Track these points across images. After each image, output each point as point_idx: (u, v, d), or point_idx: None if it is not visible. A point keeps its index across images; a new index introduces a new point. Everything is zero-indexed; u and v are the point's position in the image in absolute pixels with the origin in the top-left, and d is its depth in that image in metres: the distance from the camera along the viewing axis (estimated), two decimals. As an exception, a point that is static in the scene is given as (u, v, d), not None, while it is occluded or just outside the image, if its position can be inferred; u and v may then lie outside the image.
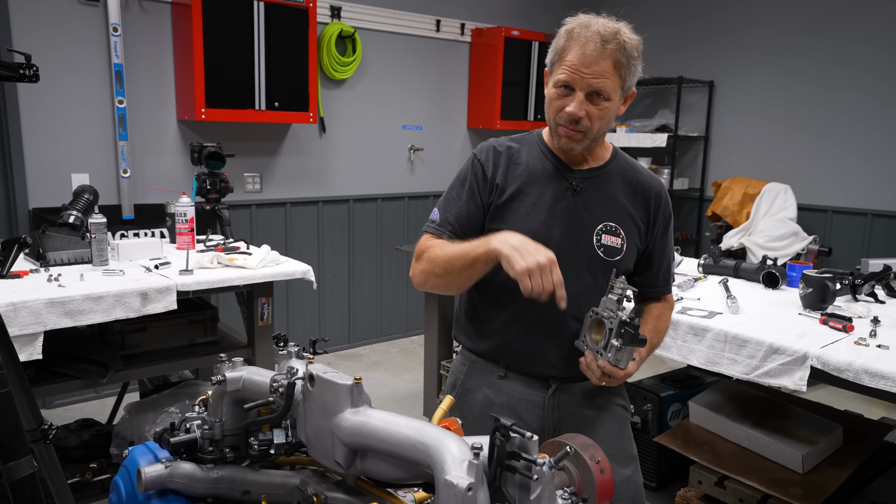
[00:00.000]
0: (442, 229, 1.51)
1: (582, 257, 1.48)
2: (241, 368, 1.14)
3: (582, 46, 1.37)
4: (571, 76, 1.38)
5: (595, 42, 1.36)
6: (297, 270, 2.53)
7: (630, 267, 1.55)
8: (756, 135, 4.81)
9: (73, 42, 3.49)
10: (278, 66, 3.86)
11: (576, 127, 1.41)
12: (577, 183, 1.50)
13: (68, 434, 2.68)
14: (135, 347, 2.44)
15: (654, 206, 1.54)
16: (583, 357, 1.42)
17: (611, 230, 1.49)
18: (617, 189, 1.53)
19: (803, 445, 2.16)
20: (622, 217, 1.51)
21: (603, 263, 1.48)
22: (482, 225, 1.52)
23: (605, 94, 1.38)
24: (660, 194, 1.56)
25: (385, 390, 4.07)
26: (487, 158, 1.53)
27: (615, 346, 1.32)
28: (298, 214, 4.44)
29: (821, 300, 2.16)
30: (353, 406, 0.95)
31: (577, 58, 1.37)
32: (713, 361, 2.01)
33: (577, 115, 1.39)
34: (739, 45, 4.83)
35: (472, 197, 1.51)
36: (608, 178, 1.53)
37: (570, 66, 1.38)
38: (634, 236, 1.52)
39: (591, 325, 1.42)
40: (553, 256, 1.29)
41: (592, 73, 1.36)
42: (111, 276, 2.25)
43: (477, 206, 1.51)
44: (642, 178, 1.56)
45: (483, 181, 1.52)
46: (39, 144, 3.48)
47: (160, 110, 3.83)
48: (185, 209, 2.76)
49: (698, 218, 5.18)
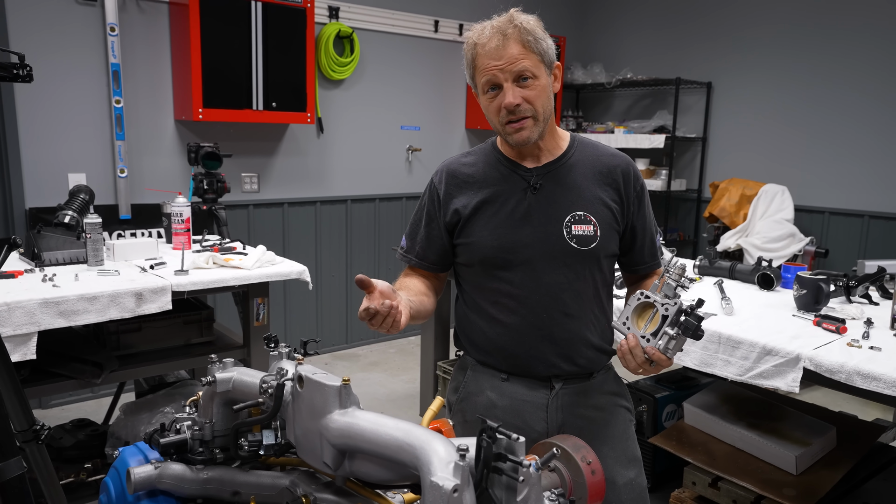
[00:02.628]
0: (409, 256, 1.62)
1: (556, 253, 1.48)
2: (232, 369, 1.15)
3: (486, 46, 1.41)
4: (491, 74, 1.41)
5: (495, 36, 1.40)
6: (292, 271, 2.53)
7: (614, 250, 1.54)
8: (754, 136, 4.81)
9: (71, 42, 3.49)
10: (276, 66, 3.86)
11: (519, 114, 1.42)
12: (534, 181, 1.50)
13: (63, 434, 2.68)
14: (130, 347, 2.44)
15: (624, 184, 1.53)
16: (624, 340, 1.36)
17: (580, 219, 1.49)
18: (581, 176, 1.52)
19: (797, 447, 2.17)
20: (591, 203, 1.50)
21: (579, 255, 1.48)
22: (446, 245, 1.57)
23: (529, 73, 1.40)
24: (627, 170, 1.54)
25: (382, 391, 4.07)
26: (441, 181, 1.57)
27: (668, 335, 1.27)
28: (296, 215, 4.44)
29: (815, 302, 2.17)
30: (342, 407, 0.95)
31: (487, 57, 1.41)
32: (707, 363, 2.01)
33: (514, 102, 1.40)
34: (738, 46, 4.84)
35: (430, 223, 1.58)
36: (569, 167, 1.52)
37: (486, 67, 1.41)
38: (609, 220, 1.51)
39: (637, 308, 1.36)
40: (362, 312, 1.27)
41: (507, 62, 1.39)
42: (106, 277, 2.25)
43: (435, 231, 1.57)
44: (605, 158, 1.55)
45: (439, 206, 1.56)
46: (36, 144, 3.48)
47: (157, 110, 3.83)
48: (181, 209, 2.76)
49: (696, 219, 5.18)
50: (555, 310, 1.49)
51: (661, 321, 1.30)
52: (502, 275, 1.51)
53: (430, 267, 1.62)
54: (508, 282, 1.51)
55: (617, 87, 5.30)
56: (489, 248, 1.50)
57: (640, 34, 5.38)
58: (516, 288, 1.50)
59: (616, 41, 5.53)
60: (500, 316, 1.53)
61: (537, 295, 1.49)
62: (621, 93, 5.57)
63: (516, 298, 1.51)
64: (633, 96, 5.54)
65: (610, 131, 5.24)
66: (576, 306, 1.50)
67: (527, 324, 1.51)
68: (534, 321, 1.50)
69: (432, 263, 1.61)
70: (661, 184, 4.98)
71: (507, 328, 1.52)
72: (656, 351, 1.30)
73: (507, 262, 1.50)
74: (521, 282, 1.50)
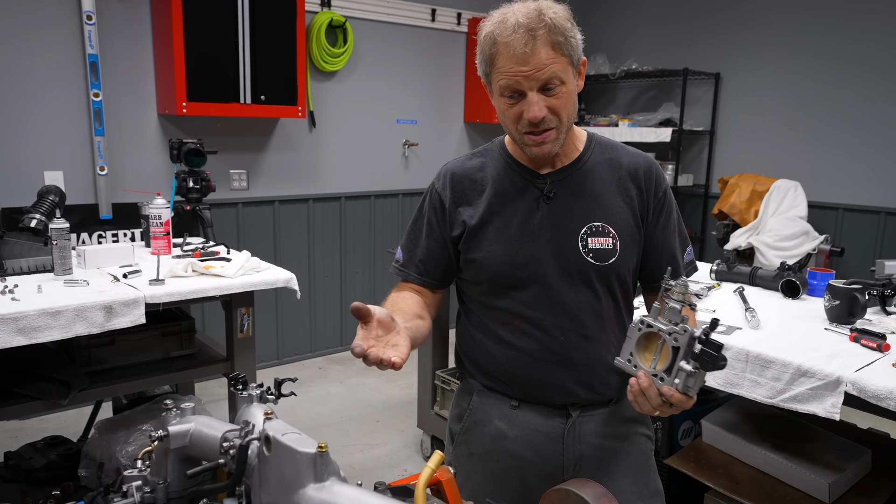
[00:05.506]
0: (406, 271, 1.43)
1: (572, 270, 1.30)
2: (190, 419, 0.96)
3: (510, 46, 1.18)
4: (514, 80, 1.20)
5: (522, 36, 1.17)
6: (278, 279, 2.34)
7: (635, 264, 1.36)
8: (765, 129, 4.61)
9: (44, 31, 3.28)
10: (264, 57, 3.65)
11: (543, 127, 1.23)
12: (548, 189, 1.32)
13: (34, 454, 2.49)
14: (103, 363, 2.25)
15: (646, 188, 1.34)
16: (634, 380, 1.15)
17: (598, 231, 1.30)
18: (599, 181, 1.33)
19: (829, 472, 1.99)
20: (611, 212, 1.32)
21: (596, 271, 1.30)
22: (450, 257, 1.39)
23: (558, 80, 1.20)
24: (648, 172, 1.35)
25: (378, 397, 3.89)
26: (445, 187, 1.38)
27: (686, 371, 1.06)
28: (287, 213, 4.25)
29: (849, 314, 1.98)
30: (317, 481, 0.76)
31: (511, 60, 1.18)
32: (733, 383, 1.82)
33: (538, 117, 1.20)
34: (747, 35, 4.63)
35: (432, 233, 1.39)
36: (586, 172, 1.34)
37: (509, 71, 1.19)
38: (630, 229, 1.32)
39: (641, 339, 1.16)
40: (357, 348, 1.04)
41: (535, 68, 1.18)
42: (73, 288, 2.06)
43: (438, 242, 1.38)
44: (625, 160, 1.36)
45: (442, 215, 1.38)
46: (8, 140, 3.27)
47: (139, 104, 3.63)
48: (160, 211, 2.57)
49: (703, 216, 4.99)
50: (572, 332, 1.31)
51: (671, 354, 1.09)
52: (514, 294, 1.33)
53: (430, 283, 1.43)
54: (521, 301, 1.33)
55: (621, 79, 5.10)
56: (499, 264, 1.32)
57: (645, 23, 5.18)
58: (529, 308, 1.32)
59: (621, 30, 5.32)
60: (511, 338, 1.35)
61: (553, 316, 1.31)
62: (626, 84, 5.36)
63: (530, 320, 1.33)
64: (638, 88, 5.34)
65: (614, 124, 5.04)
66: (595, 328, 1.32)
67: (542, 348, 1.33)
68: (550, 345, 1.32)
69: (434, 279, 1.42)
70: (668, 179, 4.77)
71: (519, 352, 1.34)
72: (675, 392, 1.09)
73: (519, 280, 1.32)
74: (534, 302, 1.32)
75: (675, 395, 1.10)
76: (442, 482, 1.14)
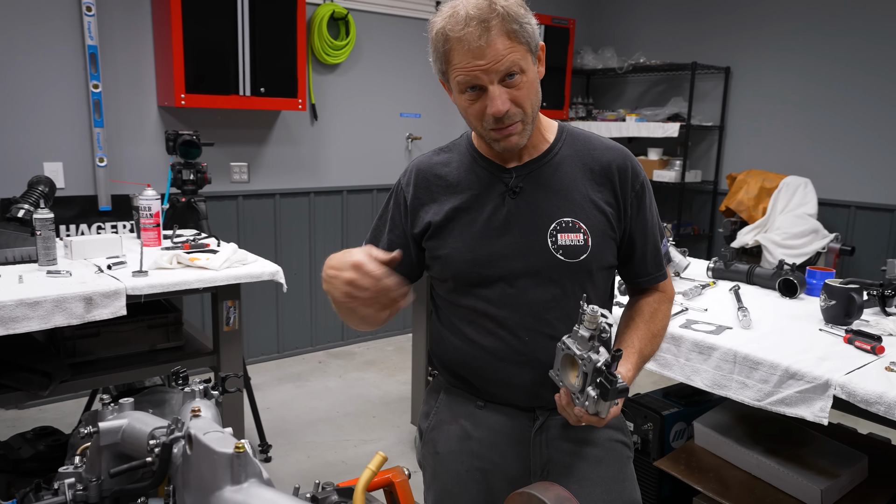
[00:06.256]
0: None
1: (539, 267, 1.25)
2: (126, 414, 0.93)
3: (464, 41, 1.13)
4: (472, 76, 1.14)
5: (475, 29, 1.12)
6: (264, 272, 2.31)
7: (610, 261, 1.31)
8: (775, 124, 4.51)
9: (44, 22, 3.28)
10: (264, 49, 3.63)
11: (508, 121, 1.18)
12: (513, 183, 1.27)
13: (23, 444, 2.48)
14: (87, 354, 2.24)
15: (620, 182, 1.28)
16: (558, 396, 1.17)
17: (567, 226, 1.25)
18: (569, 175, 1.28)
19: (823, 478, 1.92)
20: (581, 207, 1.26)
21: (566, 268, 1.25)
22: (412, 257, 1.35)
23: (518, 69, 1.15)
24: (623, 166, 1.29)
25: (376, 392, 3.87)
26: (409, 183, 1.34)
27: (592, 397, 1.07)
28: (288, 206, 4.23)
29: (845, 314, 1.91)
30: (235, 483, 0.73)
31: (467, 55, 1.13)
32: (720, 384, 1.77)
33: (502, 111, 1.15)
34: (760, 29, 4.53)
35: (394, 229, 1.36)
36: (555, 165, 1.28)
37: (465, 66, 1.14)
38: (602, 225, 1.27)
39: (565, 359, 1.16)
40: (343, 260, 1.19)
41: (492, 60, 1.13)
42: (54, 279, 2.05)
43: (400, 238, 1.35)
44: (598, 152, 1.30)
45: (404, 212, 1.34)
46: (8, 131, 3.28)
47: (139, 96, 3.62)
48: (150, 203, 2.55)
49: (711, 213, 4.90)
50: (538, 332, 1.26)
51: (582, 379, 1.10)
52: (478, 292, 1.28)
53: None
54: (485, 300, 1.28)
55: (629, 73, 5.02)
56: (462, 262, 1.28)
57: (654, 16, 5.08)
58: (494, 307, 1.28)
59: (629, 23, 5.23)
60: (476, 337, 1.31)
61: (518, 315, 1.27)
62: (634, 78, 5.28)
63: (494, 319, 1.28)
64: (646, 82, 5.25)
65: (621, 119, 4.96)
66: (563, 328, 1.26)
67: (506, 347, 1.28)
68: (514, 345, 1.28)
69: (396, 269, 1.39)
70: (675, 175, 4.70)
71: (484, 351, 1.30)
72: (585, 413, 1.10)
73: (484, 277, 1.27)
74: (499, 300, 1.27)
75: (585, 416, 1.11)
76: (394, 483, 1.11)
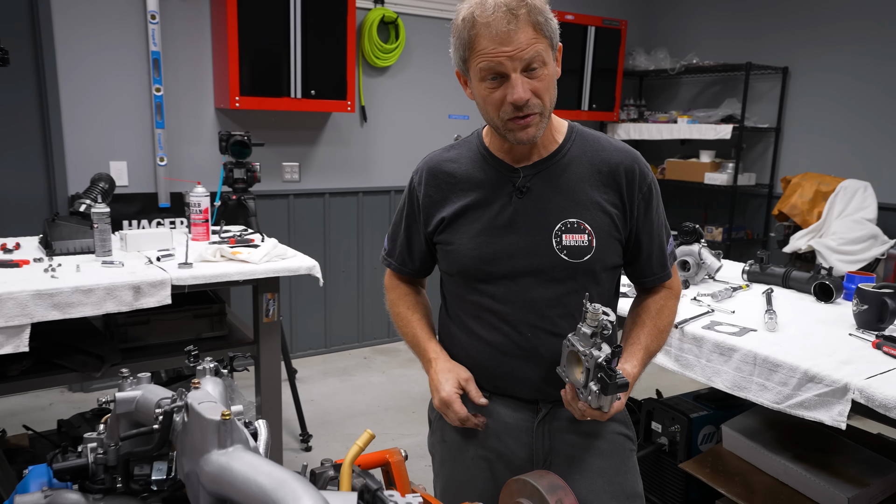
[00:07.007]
0: (390, 259, 1.51)
1: (544, 266, 1.29)
2: (140, 387, 1.02)
3: (491, 26, 1.15)
4: (496, 62, 1.17)
5: (503, 16, 1.15)
6: (301, 266, 2.42)
7: (615, 262, 1.34)
8: (835, 126, 4.36)
9: (112, 30, 3.51)
10: (315, 52, 3.76)
11: (527, 111, 1.20)
12: (521, 182, 1.30)
13: (82, 423, 2.67)
14: (137, 340, 2.40)
15: (627, 184, 1.30)
16: (564, 391, 1.23)
17: (573, 227, 1.28)
18: (576, 176, 1.31)
19: (851, 487, 1.87)
20: (587, 208, 1.29)
21: (570, 268, 1.28)
22: (426, 254, 1.44)
23: (540, 61, 1.18)
24: (630, 169, 1.31)
25: (417, 389, 3.94)
26: (420, 182, 1.40)
27: (594, 392, 1.12)
28: (337, 205, 4.36)
29: (878, 319, 1.86)
30: (221, 447, 0.80)
31: (493, 40, 1.16)
32: (740, 386, 1.75)
33: (524, 99, 1.18)
34: (819, 27, 4.38)
35: (409, 226, 1.44)
36: (563, 166, 1.31)
37: (490, 53, 1.17)
38: (607, 227, 1.29)
39: (570, 356, 1.21)
40: (447, 396, 1.32)
41: (518, 48, 1.16)
42: (108, 268, 2.20)
43: (415, 235, 1.44)
44: (606, 154, 1.32)
45: (417, 210, 1.41)
46: (79, 132, 3.52)
47: (198, 98, 3.81)
48: (199, 199, 2.70)
49: (766, 217, 4.77)
50: (540, 329, 1.30)
51: (585, 374, 1.16)
52: (483, 288, 1.33)
53: (410, 273, 1.49)
54: (490, 295, 1.33)
55: (682, 74, 4.94)
56: (468, 257, 1.33)
57: (708, 16, 4.98)
58: (498, 303, 1.32)
59: (682, 23, 5.14)
60: (481, 332, 1.36)
61: (521, 312, 1.31)
62: (687, 80, 5.19)
63: (498, 314, 1.33)
64: (700, 83, 5.15)
65: (673, 121, 4.89)
66: (565, 325, 1.30)
67: (509, 342, 1.33)
68: (517, 340, 1.32)
69: (413, 271, 1.49)
70: (728, 178, 4.60)
71: (488, 346, 1.35)
72: (588, 408, 1.17)
73: (488, 274, 1.32)
74: (503, 296, 1.32)
75: (588, 411, 1.17)
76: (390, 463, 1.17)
